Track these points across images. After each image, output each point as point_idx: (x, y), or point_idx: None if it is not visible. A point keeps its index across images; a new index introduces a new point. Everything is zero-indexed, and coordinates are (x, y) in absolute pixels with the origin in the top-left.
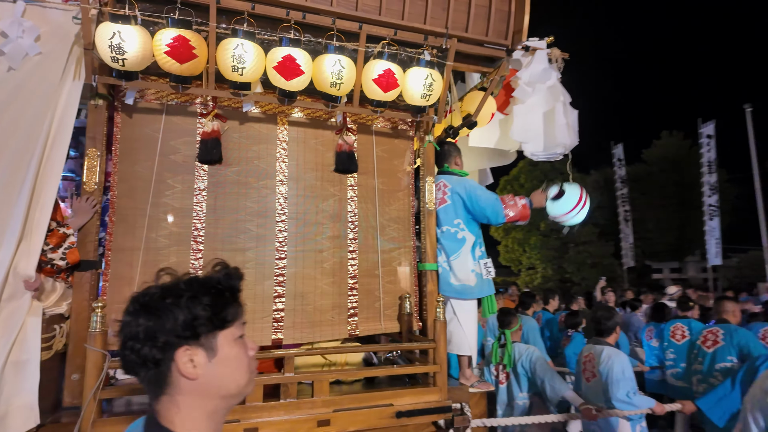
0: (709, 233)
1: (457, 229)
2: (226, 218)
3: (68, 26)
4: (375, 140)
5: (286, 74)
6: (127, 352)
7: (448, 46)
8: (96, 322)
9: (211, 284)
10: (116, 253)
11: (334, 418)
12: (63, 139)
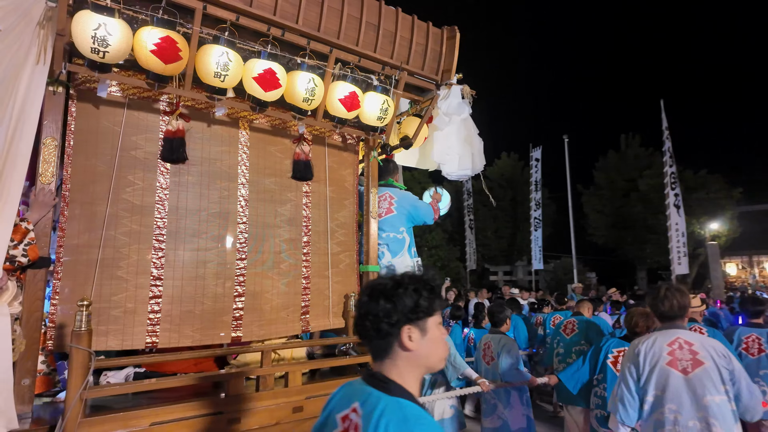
0: (534, 242)
1: (400, 234)
2: (188, 218)
3: (26, 5)
4: (327, 152)
5: (266, 86)
6: (367, 323)
7: (398, 77)
8: (82, 321)
9: (426, 280)
10: (70, 250)
11: (306, 404)
12: (29, 127)
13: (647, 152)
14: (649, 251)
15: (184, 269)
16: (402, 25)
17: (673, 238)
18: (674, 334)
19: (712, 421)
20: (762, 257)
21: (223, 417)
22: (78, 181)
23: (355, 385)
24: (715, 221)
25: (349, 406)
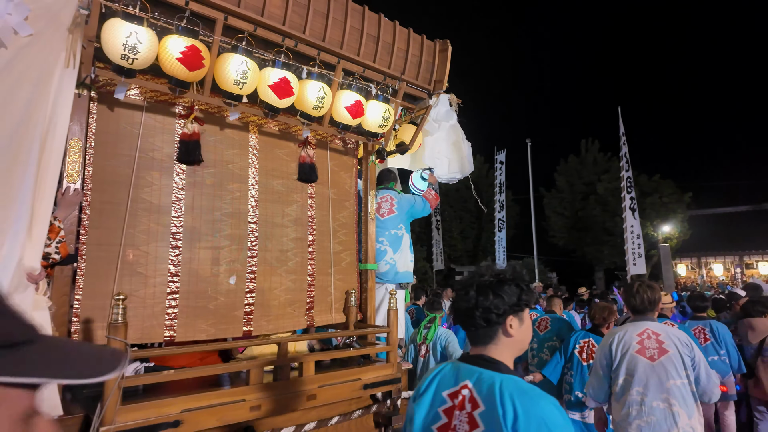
0: (498, 242)
1: (401, 231)
2: (203, 217)
3: (56, 9)
4: (329, 155)
5: (280, 94)
6: (477, 314)
7: (397, 87)
8: (118, 314)
9: (522, 278)
10: (92, 248)
11: (319, 392)
12: (60, 129)
13: (605, 157)
14: (607, 252)
15: (200, 266)
16: (399, 37)
17: (629, 239)
18: (644, 326)
19: (673, 401)
20: (709, 258)
21: (246, 404)
22: (99, 181)
23: (456, 367)
24: (668, 224)
25: (458, 385)
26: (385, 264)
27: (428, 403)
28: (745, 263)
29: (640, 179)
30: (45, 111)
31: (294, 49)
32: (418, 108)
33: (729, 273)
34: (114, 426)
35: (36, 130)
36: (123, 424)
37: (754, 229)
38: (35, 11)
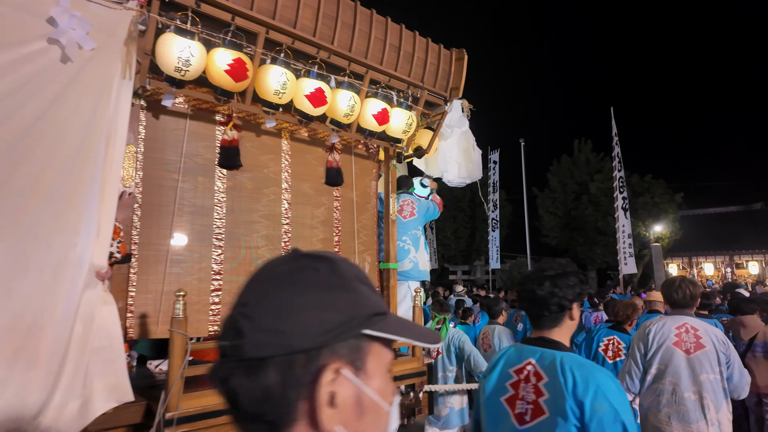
0: (491, 242)
1: (418, 232)
2: (242, 219)
3: (113, 24)
4: (353, 160)
5: (315, 103)
6: (554, 300)
7: (419, 95)
8: (180, 310)
9: (579, 272)
10: (143, 248)
11: None
12: (120, 135)
13: (598, 157)
14: (599, 252)
15: (239, 265)
16: (418, 46)
17: (621, 239)
18: (683, 320)
19: (705, 394)
20: (700, 258)
21: None
22: (148, 185)
23: (519, 349)
24: (659, 224)
25: (522, 362)
26: (409, 262)
27: (496, 378)
28: (735, 263)
29: (632, 179)
30: (107, 119)
31: (326, 60)
32: (434, 114)
33: (719, 272)
34: (178, 412)
35: (101, 138)
36: (185, 410)
37: (744, 229)
38: (96, 26)
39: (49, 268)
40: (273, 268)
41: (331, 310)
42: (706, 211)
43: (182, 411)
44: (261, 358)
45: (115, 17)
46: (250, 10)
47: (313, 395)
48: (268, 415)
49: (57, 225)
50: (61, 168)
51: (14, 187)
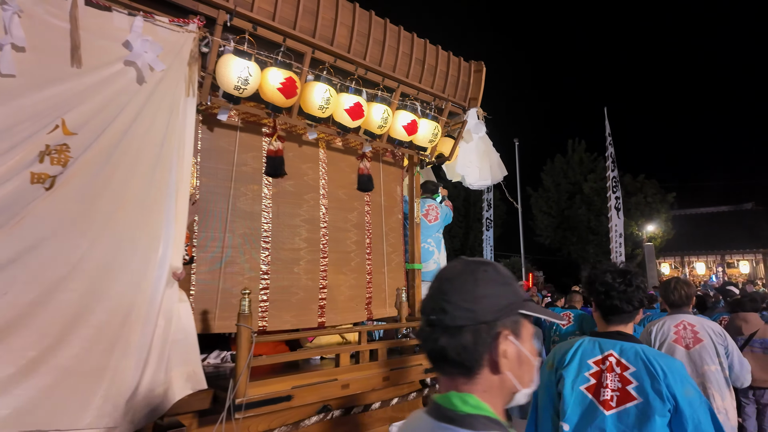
0: (486, 241)
1: (440, 235)
2: (286, 223)
3: (178, 47)
4: (381, 167)
5: (354, 116)
6: (639, 296)
7: (444, 106)
8: (245, 306)
9: None
10: (201, 250)
11: (391, 374)
12: (188, 148)
13: (591, 157)
14: (592, 251)
15: (283, 265)
16: (440, 60)
17: (613, 239)
18: (680, 318)
19: (708, 385)
20: (692, 257)
21: (338, 383)
22: (205, 192)
23: (594, 341)
24: (652, 224)
25: (602, 353)
26: (434, 263)
27: (575, 369)
28: (727, 262)
29: (625, 179)
30: (177, 134)
31: (362, 76)
32: (454, 122)
33: (711, 272)
34: (245, 398)
35: (173, 150)
36: (251, 397)
37: (735, 229)
38: (164, 49)
39: (137, 269)
40: (453, 269)
41: (501, 297)
42: (697, 210)
43: (249, 398)
44: (459, 327)
45: (179, 39)
46: (293, 29)
47: (493, 350)
48: (465, 362)
49: (141, 230)
50: (143, 179)
51: (107, 196)
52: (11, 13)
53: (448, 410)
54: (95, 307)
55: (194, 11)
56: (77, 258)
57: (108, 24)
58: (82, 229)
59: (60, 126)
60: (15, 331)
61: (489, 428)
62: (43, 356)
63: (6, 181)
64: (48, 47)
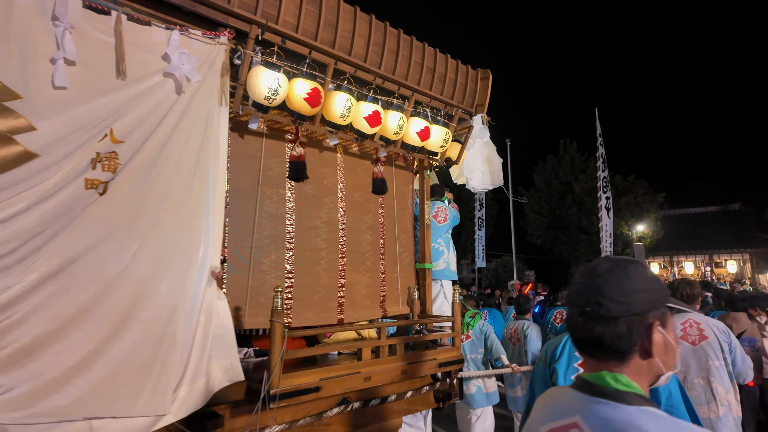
0: (478, 241)
1: (449, 235)
2: (308, 225)
3: (211, 57)
4: (394, 171)
5: (372, 123)
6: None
7: (453, 113)
8: (278, 303)
9: None
10: (231, 250)
11: (409, 368)
12: (222, 156)
13: (582, 157)
14: (582, 251)
15: (306, 265)
16: (450, 68)
17: (604, 238)
18: (687, 317)
19: (712, 379)
20: (681, 257)
21: (360, 376)
22: (234, 195)
23: None
24: (641, 223)
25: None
26: (443, 262)
27: (565, 362)
28: (715, 262)
29: (615, 179)
30: (213, 141)
31: (379, 85)
32: (461, 127)
33: (699, 271)
34: (279, 389)
35: (209, 157)
36: (284, 388)
37: (723, 228)
38: (200, 60)
39: (180, 269)
40: (603, 267)
41: (652, 292)
42: (686, 211)
43: (282, 388)
44: (614, 318)
45: (212, 51)
46: (314, 41)
47: (645, 339)
48: (619, 348)
49: (184, 232)
50: (184, 183)
51: (152, 200)
52: (63, 29)
53: (601, 387)
54: (144, 304)
55: (225, 24)
56: (128, 258)
57: (148, 38)
58: (132, 232)
59: (108, 135)
60: (77, 326)
61: (640, 404)
62: (100, 349)
63: (64, 186)
64: (95, 61)
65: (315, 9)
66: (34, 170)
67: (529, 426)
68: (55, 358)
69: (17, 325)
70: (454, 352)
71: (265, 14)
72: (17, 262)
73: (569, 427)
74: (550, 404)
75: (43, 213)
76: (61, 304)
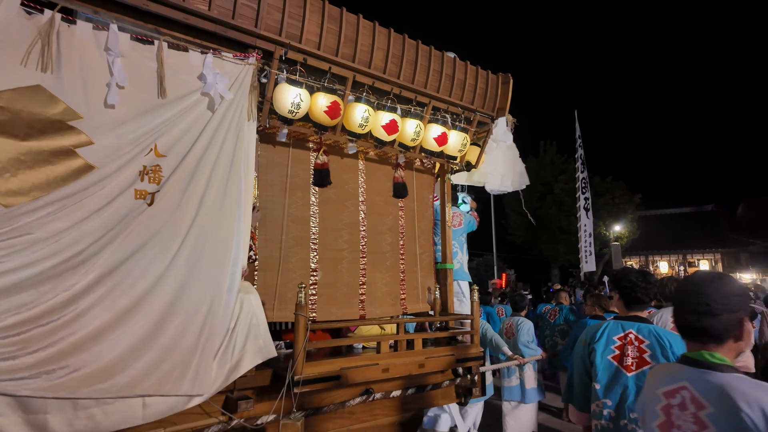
0: None
1: (464, 239)
2: (330, 227)
3: (241, 76)
4: (414, 175)
5: (389, 131)
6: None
7: (472, 118)
8: (302, 298)
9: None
10: (262, 251)
11: (426, 362)
12: (251, 166)
13: (562, 158)
14: (562, 250)
15: (329, 264)
16: (469, 74)
17: (582, 238)
18: None
19: None
20: (656, 257)
21: (378, 367)
22: (263, 200)
23: (618, 323)
24: (619, 224)
25: (624, 332)
26: (457, 263)
27: (604, 343)
28: (688, 261)
29: (594, 180)
30: (243, 153)
31: (397, 94)
32: (480, 131)
33: (673, 270)
34: (302, 376)
35: (240, 167)
36: (307, 375)
37: (697, 229)
38: (231, 80)
39: (216, 267)
40: (706, 278)
41: (742, 296)
42: (662, 211)
43: (305, 375)
44: (718, 315)
45: (242, 71)
46: (336, 56)
47: (738, 329)
48: (720, 335)
49: (218, 234)
50: (218, 192)
51: (191, 207)
52: (114, 57)
53: (702, 361)
54: (185, 298)
55: (253, 46)
56: (170, 258)
57: (186, 61)
58: (173, 235)
59: (153, 149)
60: (130, 318)
61: (731, 371)
62: (150, 337)
63: (117, 195)
64: (141, 84)
65: (336, 26)
66: (93, 181)
67: (647, 391)
68: (113, 344)
69: (81, 316)
70: (474, 349)
71: (289, 35)
72: (81, 263)
73: (680, 389)
74: (662, 375)
75: (101, 219)
76: (116, 299)
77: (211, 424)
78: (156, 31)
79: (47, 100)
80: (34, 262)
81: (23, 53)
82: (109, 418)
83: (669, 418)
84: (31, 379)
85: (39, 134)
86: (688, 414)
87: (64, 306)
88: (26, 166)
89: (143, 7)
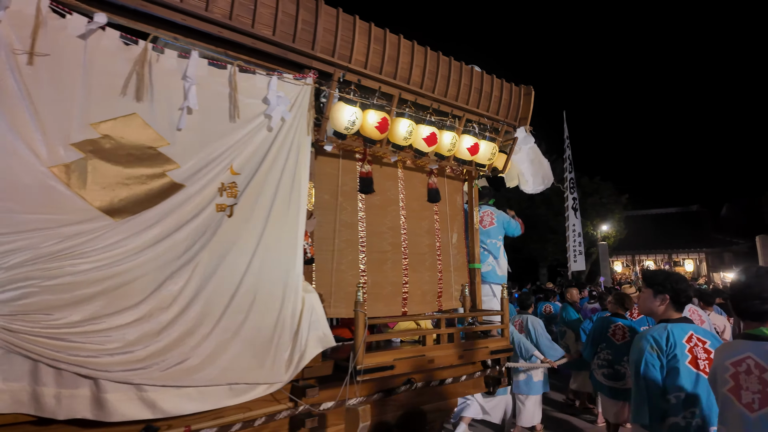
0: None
1: (499, 241)
2: (376, 231)
3: (300, 96)
4: (446, 181)
5: (429, 143)
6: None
7: (500, 128)
8: (360, 296)
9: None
10: (318, 253)
11: (465, 354)
12: (306, 176)
13: (551, 159)
14: (550, 250)
15: (375, 265)
16: (495, 87)
17: (571, 238)
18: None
19: None
20: (642, 256)
21: (424, 359)
22: (318, 207)
23: (673, 326)
24: (606, 223)
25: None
26: (487, 265)
27: (681, 349)
28: (674, 260)
29: (582, 181)
30: (301, 166)
31: (435, 108)
32: (506, 139)
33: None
34: (363, 365)
35: (300, 180)
36: (367, 365)
37: (682, 229)
38: (292, 102)
39: (283, 269)
40: (762, 271)
41: None
42: (648, 211)
43: (365, 365)
44: None
45: (301, 92)
46: (379, 74)
47: None
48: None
49: (285, 240)
50: (283, 203)
51: (261, 217)
52: (190, 84)
53: (762, 335)
54: (261, 297)
55: (309, 66)
56: (248, 262)
57: (253, 85)
58: (248, 242)
59: (229, 168)
60: (223, 316)
61: None
62: (236, 332)
63: (202, 210)
64: (217, 108)
65: (380, 47)
66: (182, 199)
67: (716, 363)
68: (208, 339)
69: (183, 314)
70: (503, 342)
71: (340, 55)
72: (179, 268)
73: (745, 359)
74: (729, 349)
75: (189, 231)
76: (208, 300)
77: (281, 410)
78: (225, 55)
79: (141, 127)
80: (138, 266)
81: (122, 83)
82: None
83: (738, 382)
84: (145, 370)
85: (137, 161)
86: (753, 377)
87: (169, 306)
88: (129, 189)
89: (217, 34)
